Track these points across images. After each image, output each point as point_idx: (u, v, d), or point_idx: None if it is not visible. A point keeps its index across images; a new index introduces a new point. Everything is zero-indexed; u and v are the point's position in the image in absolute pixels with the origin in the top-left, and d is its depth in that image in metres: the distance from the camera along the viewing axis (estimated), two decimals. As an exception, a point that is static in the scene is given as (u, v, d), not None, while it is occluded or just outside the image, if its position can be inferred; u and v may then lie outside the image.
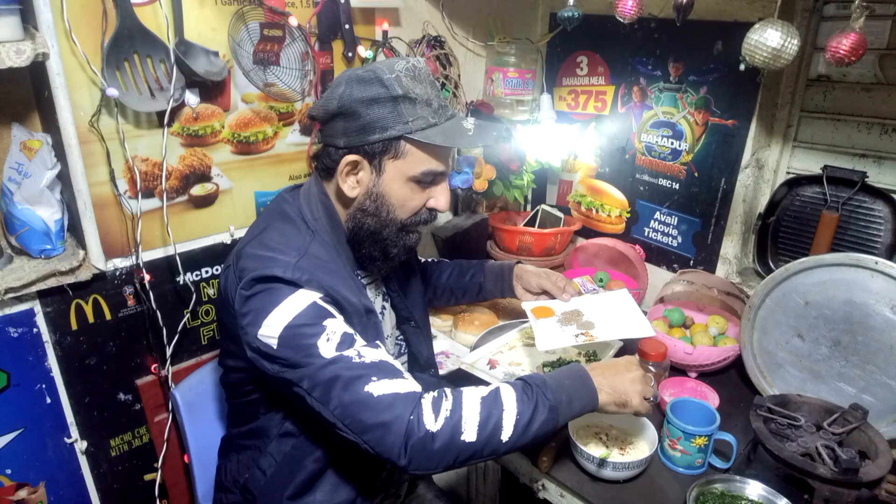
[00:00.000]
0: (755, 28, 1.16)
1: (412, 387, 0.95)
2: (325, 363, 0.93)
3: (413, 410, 0.91)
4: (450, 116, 1.09)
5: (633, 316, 1.32)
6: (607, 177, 1.87)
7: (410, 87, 1.02)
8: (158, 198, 1.33)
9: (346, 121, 1.04)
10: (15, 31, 1.03)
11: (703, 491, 1.09)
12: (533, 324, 1.33)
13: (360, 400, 0.91)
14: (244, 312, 0.99)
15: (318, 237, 1.08)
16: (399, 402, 0.91)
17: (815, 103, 1.49)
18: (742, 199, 1.57)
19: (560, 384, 1.00)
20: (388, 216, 1.09)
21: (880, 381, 1.22)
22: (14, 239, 1.21)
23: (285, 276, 0.97)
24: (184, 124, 1.32)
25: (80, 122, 1.17)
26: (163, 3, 1.21)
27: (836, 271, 1.25)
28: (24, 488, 1.29)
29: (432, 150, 1.05)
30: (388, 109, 1.02)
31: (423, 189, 1.09)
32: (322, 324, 0.96)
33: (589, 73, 1.81)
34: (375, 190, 1.07)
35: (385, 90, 1.01)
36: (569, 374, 1.03)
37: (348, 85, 1.03)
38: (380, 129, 1.02)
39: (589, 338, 1.26)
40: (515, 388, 0.98)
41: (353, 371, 0.93)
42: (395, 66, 1.03)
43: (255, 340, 0.97)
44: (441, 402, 0.94)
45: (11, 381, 1.23)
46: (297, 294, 0.97)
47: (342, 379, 0.92)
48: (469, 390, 0.98)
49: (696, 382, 1.39)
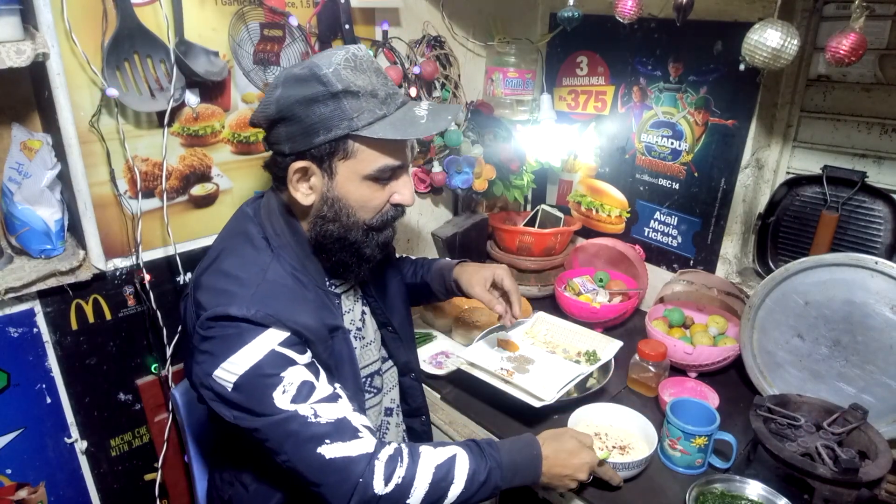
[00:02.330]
0: (755, 28, 1.16)
1: (365, 447, 0.94)
2: (280, 419, 0.91)
3: (364, 473, 0.92)
4: (400, 104, 1.01)
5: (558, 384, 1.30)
6: (607, 177, 1.87)
7: (351, 79, 0.95)
8: (158, 198, 1.33)
9: (288, 125, 0.97)
10: (15, 31, 1.03)
11: (703, 491, 1.09)
12: (478, 342, 1.45)
13: (310, 461, 0.92)
14: (201, 350, 0.95)
15: (278, 255, 1.03)
16: (351, 465, 0.92)
17: (815, 103, 1.49)
18: (742, 199, 1.57)
19: (514, 465, 1.03)
20: (351, 219, 1.03)
21: (880, 381, 1.22)
22: (14, 239, 1.21)
23: (241, 314, 0.92)
24: (184, 124, 1.32)
25: (81, 122, 1.18)
26: (163, 3, 1.22)
27: (835, 271, 1.25)
28: (24, 488, 1.29)
29: (384, 144, 0.99)
30: (329, 108, 0.95)
31: (382, 186, 1.03)
32: (280, 374, 0.92)
33: (589, 73, 1.81)
34: (331, 195, 1.01)
35: (324, 87, 0.94)
36: (522, 454, 1.05)
37: (285, 86, 0.96)
38: (323, 129, 0.95)
39: (508, 374, 1.34)
40: (470, 463, 0.99)
41: (308, 430, 0.91)
42: (332, 59, 0.95)
43: (208, 379, 0.94)
44: (395, 465, 0.95)
45: (11, 381, 1.23)
46: (258, 338, 0.93)
47: (294, 438, 0.92)
48: (426, 455, 0.98)
49: (696, 382, 1.39)
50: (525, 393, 1.28)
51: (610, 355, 1.41)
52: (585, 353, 1.44)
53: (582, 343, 1.48)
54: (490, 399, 1.38)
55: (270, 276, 0.99)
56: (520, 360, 1.41)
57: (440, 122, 1.01)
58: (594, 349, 1.44)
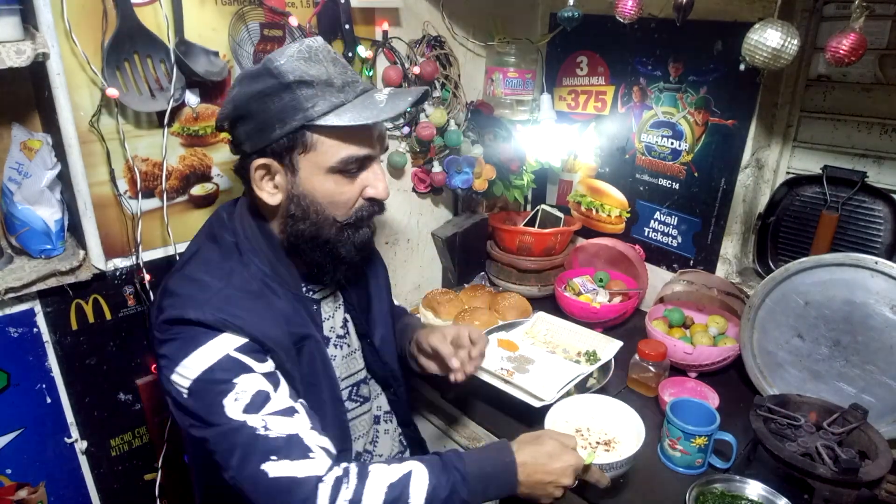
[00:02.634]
0: (755, 28, 1.16)
1: (314, 469, 0.87)
2: (228, 429, 0.87)
3: (307, 498, 0.85)
4: (360, 92, 0.96)
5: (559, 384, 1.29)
6: (607, 177, 1.87)
7: (304, 69, 0.91)
8: (158, 198, 1.33)
9: (245, 123, 0.95)
10: (15, 31, 1.03)
11: (703, 491, 1.09)
12: None
13: (254, 478, 0.86)
14: (160, 354, 0.94)
15: (248, 260, 0.99)
16: (294, 488, 0.85)
17: (815, 103, 1.49)
18: (742, 199, 1.57)
19: (482, 476, 0.93)
20: (321, 217, 0.98)
21: (880, 381, 1.22)
22: (14, 239, 1.21)
23: (196, 317, 0.90)
24: (184, 124, 1.32)
25: (81, 122, 1.17)
26: (163, 3, 1.21)
27: (835, 271, 1.25)
28: (24, 488, 1.29)
29: (345, 133, 0.94)
30: (284, 100, 0.91)
31: (351, 179, 0.98)
32: (233, 381, 0.89)
33: (589, 73, 1.81)
34: (296, 192, 0.97)
35: (275, 80, 0.91)
36: (493, 463, 0.95)
37: (241, 84, 0.94)
38: (279, 123, 0.92)
39: (508, 374, 1.34)
40: (430, 479, 0.90)
41: (255, 444, 0.87)
42: (286, 52, 0.93)
43: (168, 384, 0.92)
44: (340, 489, 0.87)
45: (11, 381, 1.23)
46: (213, 341, 0.90)
47: (241, 451, 0.87)
48: (376, 474, 0.90)
49: (696, 382, 1.39)
50: (525, 393, 1.28)
51: (610, 355, 1.42)
52: (585, 353, 1.44)
53: (582, 343, 1.48)
54: (490, 399, 1.38)
55: (236, 282, 0.96)
56: (520, 360, 1.41)
57: (399, 104, 0.95)
58: (594, 349, 1.44)
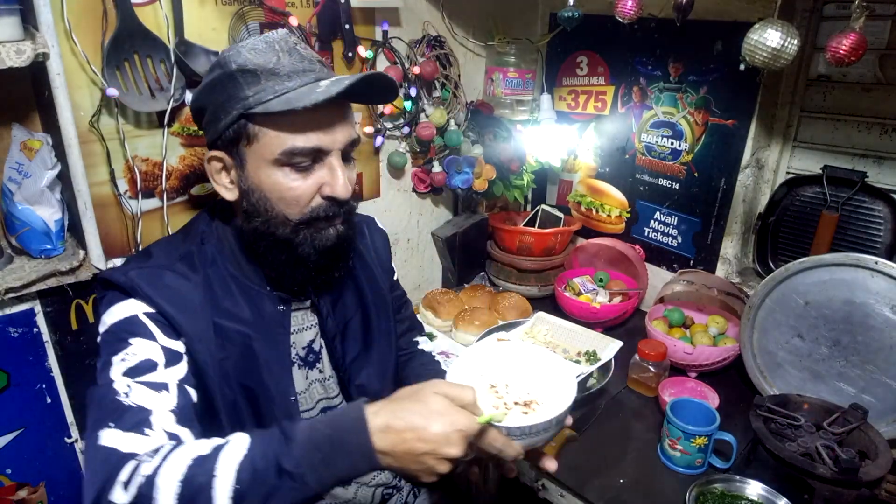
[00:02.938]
0: (755, 28, 1.16)
1: (138, 447, 0.76)
2: (101, 385, 0.84)
3: (112, 475, 0.72)
4: (310, 81, 0.90)
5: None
6: (607, 177, 1.87)
7: (250, 58, 0.88)
8: (159, 198, 1.33)
9: (203, 115, 0.95)
10: (15, 31, 1.03)
11: (703, 491, 1.09)
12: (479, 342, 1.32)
13: (89, 440, 0.79)
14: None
15: (210, 252, 0.99)
16: (111, 458, 0.75)
17: (815, 103, 1.49)
18: (742, 199, 1.57)
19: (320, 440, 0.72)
20: (272, 213, 0.93)
21: (880, 381, 1.22)
22: (14, 239, 1.21)
23: (116, 279, 0.91)
24: (184, 124, 1.32)
25: (81, 122, 1.17)
26: (163, 3, 1.21)
27: (835, 271, 1.25)
28: (24, 488, 1.29)
29: (289, 123, 0.87)
30: (227, 90, 0.88)
31: (303, 174, 0.91)
32: (129, 341, 0.87)
33: (589, 73, 1.81)
34: (244, 186, 0.93)
35: (221, 70, 0.89)
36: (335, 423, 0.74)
37: (203, 78, 0.94)
38: (223, 113, 0.89)
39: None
40: (247, 449, 0.72)
41: (106, 406, 0.81)
42: (241, 42, 0.91)
43: None
44: (140, 465, 0.72)
45: (11, 381, 1.23)
46: (125, 302, 0.90)
47: (94, 410, 0.82)
48: (186, 449, 0.74)
49: (696, 382, 1.39)
50: None
51: (610, 355, 1.41)
52: (585, 353, 1.44)
53: (582, 343, 1.48)
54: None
55: (180, 267, 0.96)
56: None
57: (332, 88, 0.86)
58: (594, 349, 1.44)
